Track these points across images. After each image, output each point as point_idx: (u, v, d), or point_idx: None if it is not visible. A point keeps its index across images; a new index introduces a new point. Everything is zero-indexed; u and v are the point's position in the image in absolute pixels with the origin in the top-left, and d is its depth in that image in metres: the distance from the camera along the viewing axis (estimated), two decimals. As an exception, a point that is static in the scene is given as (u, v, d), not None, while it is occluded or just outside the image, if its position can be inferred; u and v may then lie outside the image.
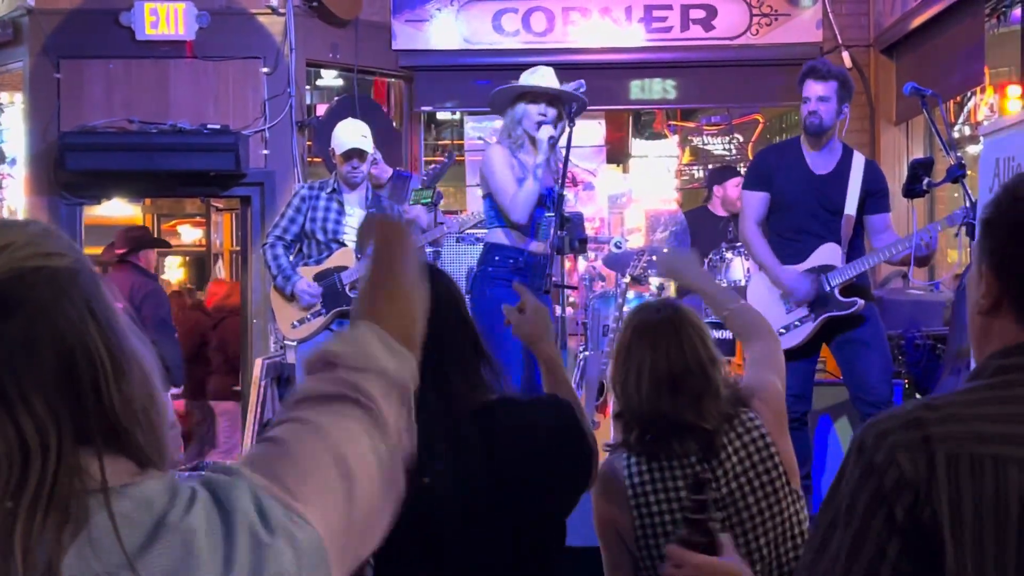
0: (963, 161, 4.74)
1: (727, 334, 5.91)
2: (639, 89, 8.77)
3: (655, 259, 3.19)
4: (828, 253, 4.93)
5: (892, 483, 1.33)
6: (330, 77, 9.09)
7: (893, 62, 8.30)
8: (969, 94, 7.57)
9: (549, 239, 5.00)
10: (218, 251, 11.92)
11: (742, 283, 5.88)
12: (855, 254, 4.96)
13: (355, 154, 5.75)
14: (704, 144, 10.56)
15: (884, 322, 5.14)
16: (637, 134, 10.61)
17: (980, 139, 5.45)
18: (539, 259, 5.06)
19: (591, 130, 9.19)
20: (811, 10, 8.49)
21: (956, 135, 7.30)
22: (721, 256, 6.31)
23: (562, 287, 5.10)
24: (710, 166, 9.83)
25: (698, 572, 1.72)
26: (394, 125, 8.78)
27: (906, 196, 4.91)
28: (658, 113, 10.37)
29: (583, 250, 5.86)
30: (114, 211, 10.42)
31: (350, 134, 5.80)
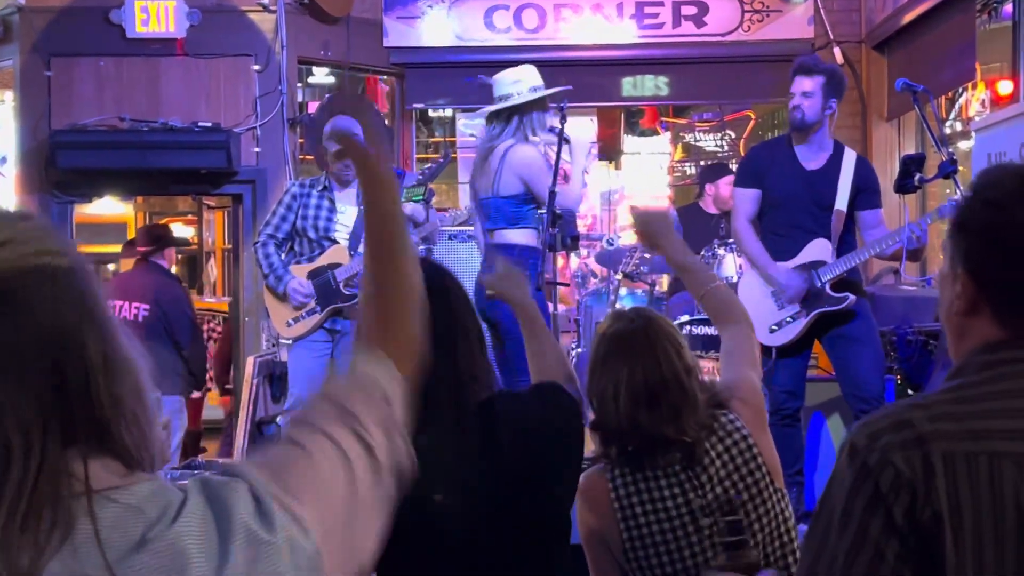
0: (955, 157, 4.74)
1: (714, 330, 5.91)
2: (631, 86, 8.76)
3: (632, 213, 3.11)
4: (819, 249, 4.94)
5: (889, 484, 1.32)
6: (322, 74, 9.08)
7: (885, 58, 8.30)
8: (961, 90, 7.57)
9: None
10: (210, 249, 11.90)
11: (734, 279, 5.89)
12: (846, 250, 4.96)
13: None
14: (696, 141, 10.57)
15: (876, 318, 5.14)
16: (629, 131, 10.61)
17: (972, 135, 5.46)
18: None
19: (583, 127, 9.18)
20: (802, 6, 8.49)
21: (948, 131, 7.31)
22: (713, 253, 6.32)
23: (554, 284, 5.10)
24: (702, 163, 9.85)
25: None
26: (386, 123, 8.78)
27: (897, 192, 4.92)
28: (649, 110, 10.37)
29: (575, 247, 5.86)
30: (105, 209, 10.40)
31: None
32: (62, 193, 7.57)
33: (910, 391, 5.57)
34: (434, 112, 10.14)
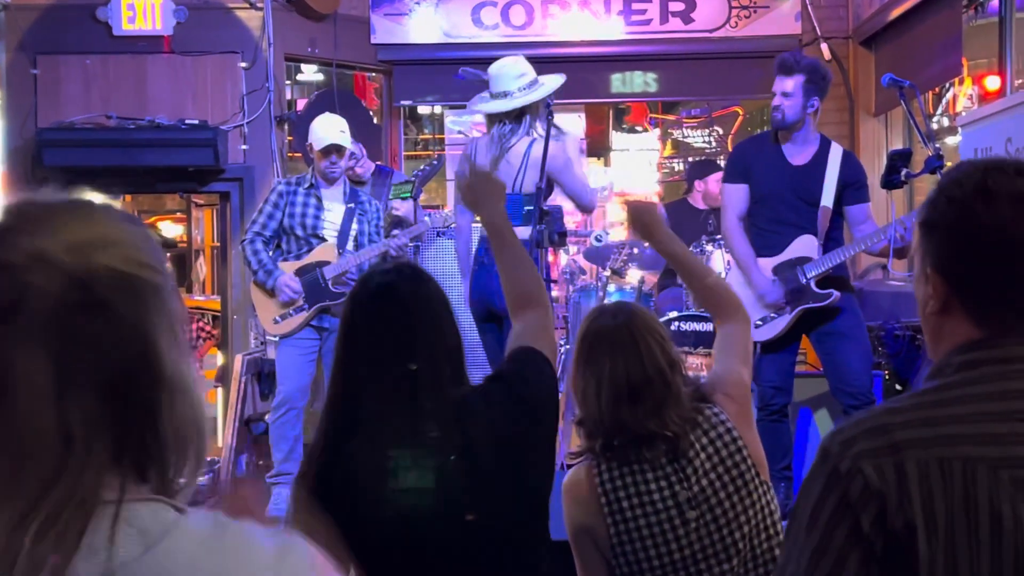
0: (941, 152, 4.74)
1: (708, 326, 5.92)
2: (619, 82, 8.76)
3: (625, 208, 3.10)
4: (805, 245, 4.94)
5: (857, 493, 1.31)
6: (310, 72, 9.06)
7: (872, 54, 8.31)
8: (947, 85, 7.59)
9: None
10: (199, 247, 11.86)
11: (723, 275, 5.89)
12: (833, 246, 4.96)
13: (333, 150, 5.75)
14: (684, 137, 10.58)
15: (864, 313, 5.15)
16: (617, 127, 10.61)
17: (958, 130, 5.46)
18: None
19: (571, 123, 9.18)
20: (790, 2, 8.49)
21: (934, 126, 7.32)
22: (701, 249, 6.32)
23: (546, 281, 5.09)
24: (690, 159, 9.85)
25: None
26: (374, 121, 8.76)
27: (884, 187, 4.92)
28: (637, 106, 10.37)
29: (563, 244, 5.85)
30: (93, 208, 10.33)
31: (328, 129, 5.78)
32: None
33: (898, 386, 5.59)
34: (422, 109, 10.12)
